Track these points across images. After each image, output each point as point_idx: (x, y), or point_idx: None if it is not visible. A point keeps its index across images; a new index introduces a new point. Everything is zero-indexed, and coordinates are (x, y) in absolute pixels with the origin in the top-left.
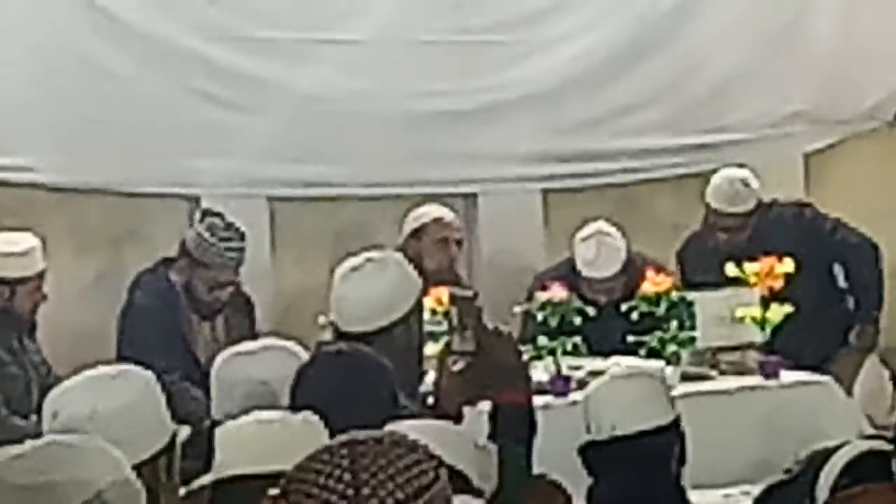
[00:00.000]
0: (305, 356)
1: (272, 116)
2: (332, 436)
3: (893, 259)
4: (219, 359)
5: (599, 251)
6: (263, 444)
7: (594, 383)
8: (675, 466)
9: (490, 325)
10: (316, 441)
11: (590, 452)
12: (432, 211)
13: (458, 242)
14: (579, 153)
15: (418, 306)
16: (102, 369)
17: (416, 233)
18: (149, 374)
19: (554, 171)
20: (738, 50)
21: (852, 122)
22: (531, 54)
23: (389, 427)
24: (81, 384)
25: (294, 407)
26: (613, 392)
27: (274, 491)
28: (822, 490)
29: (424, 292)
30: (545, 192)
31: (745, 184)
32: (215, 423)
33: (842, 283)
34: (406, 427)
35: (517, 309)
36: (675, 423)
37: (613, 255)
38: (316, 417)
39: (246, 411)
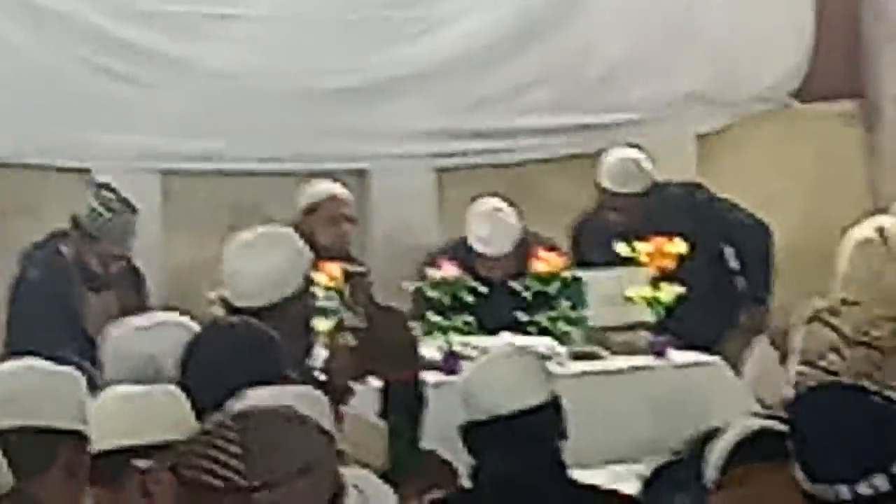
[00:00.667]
0: (197, 330)
1: (170, 91)
2: (218, 408)
3: (784, 241)
4: (108, 331)
5: (493, 228)
6: (126, 417)
7: (472, 364)
8: (555, 444)
9: (381, 302)
10: (178, 414)
11: (470, 432)
12: (326, 188)
13: (351, 219)
14: (473, 131)
15: (309, 282)
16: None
17: (310, 209)
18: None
19: (448, 148)
20: (631, 31)
21: (745, 104)
22: (426, 32)
23: (272, 390)
24: None
25: (184, 380)
26: (492, 372)
27: (141, 462)
28: (712, 469)
29: (316, 268)
30: (439, 170)
31: (638, 164)
32: None
33: (732, 264)
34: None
35: (409, 286)
36: (554, 400)
37: (507, 232)
38: (178, 390)
39: (134, 385)
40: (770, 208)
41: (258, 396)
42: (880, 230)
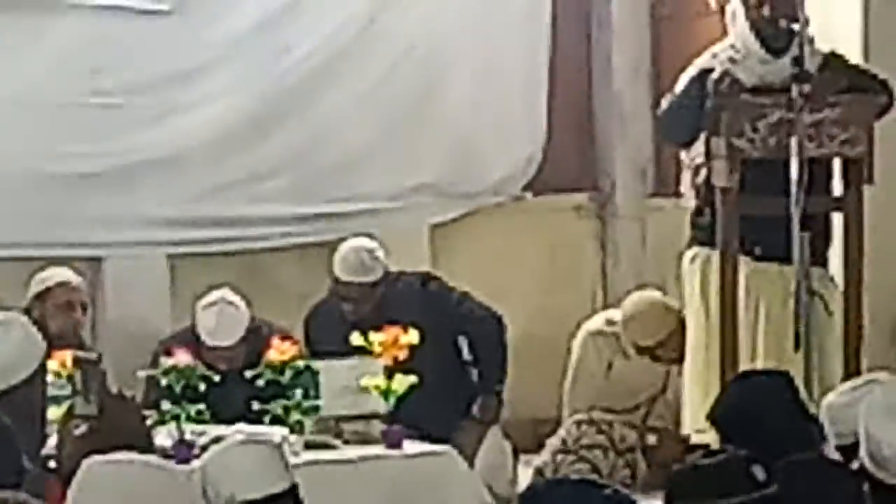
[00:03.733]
0: None
1: None
2: None
3: (518, 332)
4: None
5: (220, 319)
6: None
7: (210, 451)
8: None
9: (114, 390)
10: None
11: None
12: (57, 274)
13: (84, 306)
14: (205, 219)
15: (42, 369)
16: None
17: (41, 296)
18: None
19: (180, 236)
20: (366, 122)
21: (479, 196)
22: (160, 119)
23: None
24: None
25: None
26: (230, 459)
27: None
28: None
29: (48, 355)
30: (173, 257)
31: (371, 254)
32: None
33: (466, 355)
34: None
35: (141, 374)
36: (293, 489)
37: (235, 323)
38: None
39: None
40: (504, 299)
41: None
42: (610, 322)
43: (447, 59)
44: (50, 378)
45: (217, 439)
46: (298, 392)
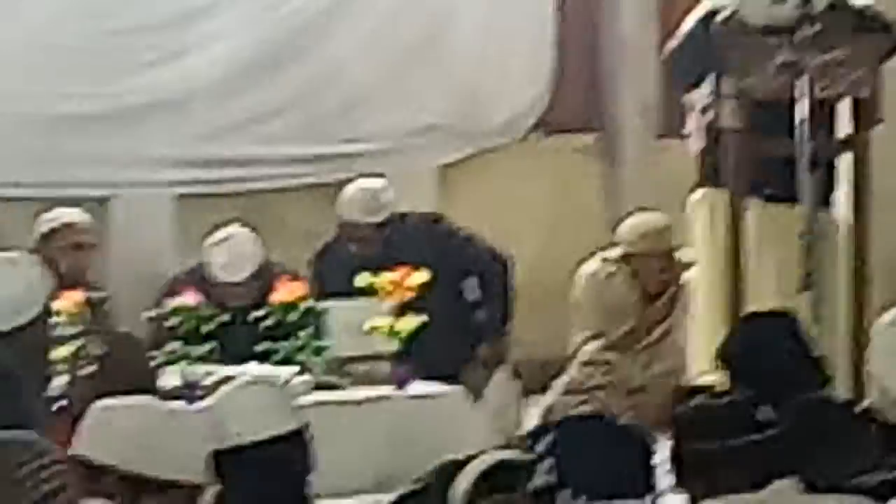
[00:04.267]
0: None
1: None
2: None
3: (523, 274)
4: None
5: (231, 255)
6: None
7: (219, 392)
8: (301, 474)
9: (121, 330)
10: None
11: (218, 460)
12: (65, 214)
13: (91, 247)
14: (212, 159)
15: (47, 309)
16: None
17: (48, 236)
18: None
19: (186, 176)
20: (373, 62)
21: (486, 137)
22: (164, 60)
23: None
24: None
25: None
26: (237, 401)
27: None
28: (456, 501)
29: (55, 296)
30: (179, 197)
31: (377, 195)
32: None
33: (473, 295)
34: None
35: (146, 314)
36: (300, 431)
37: (245, 259)
38: None
39: None
40: (511, 240)
41: None
42: (606, 260)
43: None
44: (62, 318)
45: (224, 380)
46: (306, 332)
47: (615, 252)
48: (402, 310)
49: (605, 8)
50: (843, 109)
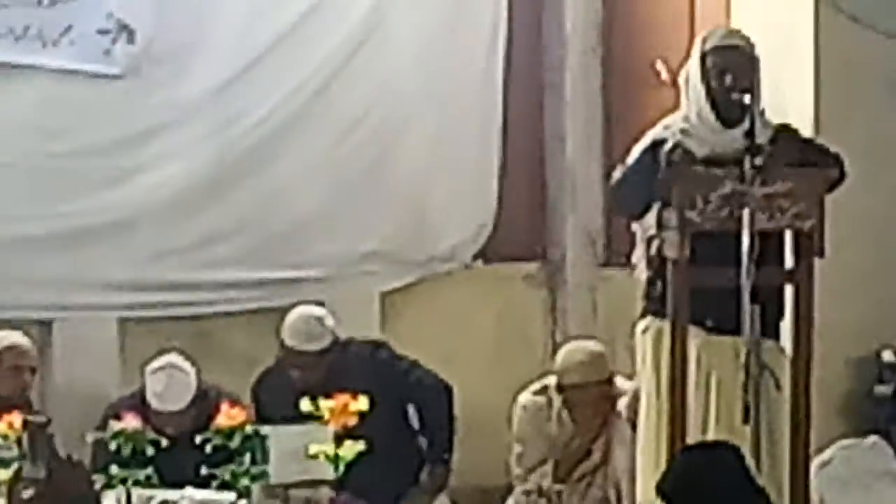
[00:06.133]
0: None
1: None
2: None
3: (466, 400)
4: None
5: (169, 384)
6: None
7: None
8: None
9: (62, 453)
10: None
11: None
12: (5, 337)
13: (33, 370)
14: (156, 283)
15: None
16: None
17: None
18: None
19: (130, 300)
20: (318, 188)
21: (429, 264)
22: (112, 182)
23: None
24: None
25: None
26: None
27: None
28: None
29: None
30: (122, 321)
31: (319, 322)
32: None
33: (414, 423)
34: None
35: (89, 437)
36: None
37: (183, 388)
38: None
39: None
40: (454, 367)
41: None
42: (539, 391)
43: (399, 126)
44: (1, 441)
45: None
46: (247, 457)
47: (552, 380)
48: (344, 436)
49: (549, 137)
50: (787, 241)
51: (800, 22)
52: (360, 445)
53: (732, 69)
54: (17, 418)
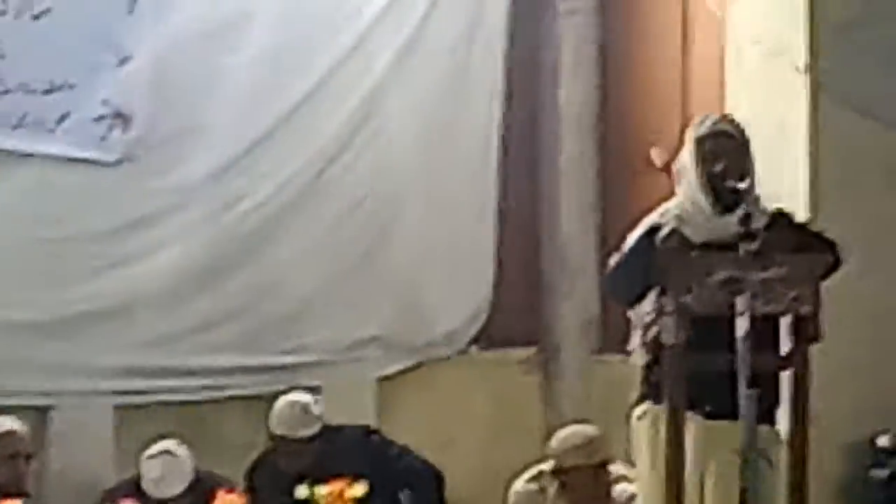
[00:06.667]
0: None
1: None
2: None
3: (461, 486)
4: None
5: (164, 470)
6: None
7: None
8: None
9: None
10: None
11: None
12: (2, 424)
13: (28, 457)
14: (151, 369)
15: None
16: None
17: None
18: None
19: (125, 386)
20: (314, 274)
21: (425, 350)
22: (107, 269)
23: None
24: None
25: None
26: None
27: None
28: None
29: None
30: (118, 407)
31: (307, 409)
32: None
33: None
34: None
35: None
36: None
37: (178, 475)
38: None
39: None
40: (450, 452)
41: None
42: (534, 478)
43: (396, 211)
44: None
45: None
46: None
47: (547, 465)
48: None
49: (545, 221)
50: (784, 326)
51: (794, 108)
52: None
53: (725, 155)
54: None
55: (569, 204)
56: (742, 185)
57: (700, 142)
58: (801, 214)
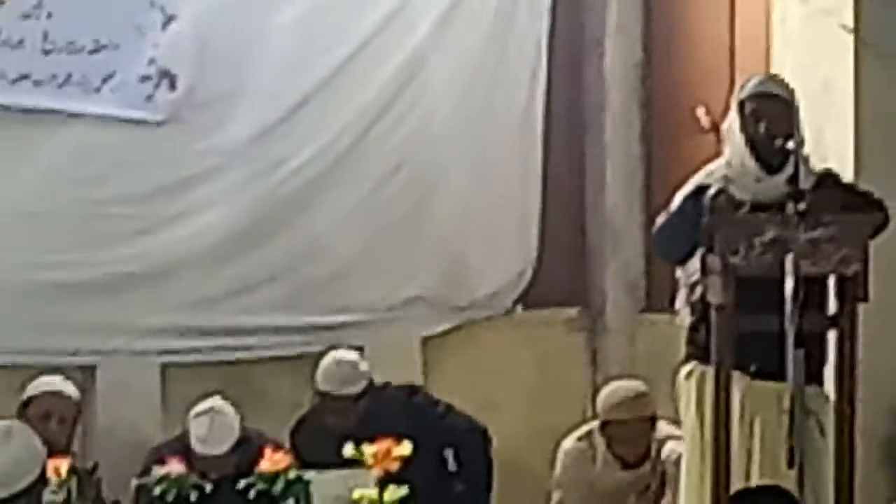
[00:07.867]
0: None
1: None
2: None
3: (506, 445)
4: None
5: (211, 428)
6: None
7: None
8: None
9: (108, 498)
10: None
11: None
12: (44, 383)
13: (67, 415)
14: (196, 329)
15: (42, 477)
16: None
17: (27, 404)
18: None
19: (174, 345)
20: (357, 235)
21: (469, 310)
22: (153, 229)
23: None
24: None
25: None
26: None
27: None
28: None
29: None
30: (164, 366)
31: (353, 366)
32: None
33: (452, 466)
34: None
35: (134, 482)
36: None
37: (224, 434)
38: None
39: None
40: (494, 412)
41: None
42: (581, 437)
43: (439, 171)
44: (49, 486)
45: None
46: (290, 502)
47: (594, 424)
48: (386, 480)
49: (589, 183)
50: (831, 286)
51: (840, 68)
52: (404, 490)
53: (770, 116)
54: (64, 464)
55: (613, 165)
56: (790, 145)
57: (745, 102)
58: (846, 174)
